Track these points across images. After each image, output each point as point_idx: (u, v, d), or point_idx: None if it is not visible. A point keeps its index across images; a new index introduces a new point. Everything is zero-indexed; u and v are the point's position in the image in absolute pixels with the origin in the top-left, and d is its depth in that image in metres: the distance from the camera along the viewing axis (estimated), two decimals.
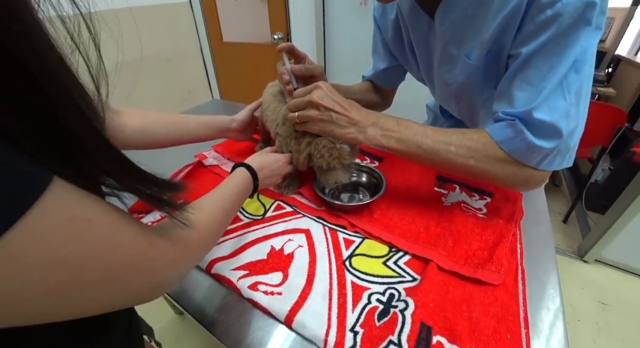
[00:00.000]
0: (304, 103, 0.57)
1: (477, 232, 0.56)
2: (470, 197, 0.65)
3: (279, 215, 0.63)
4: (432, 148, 0.53)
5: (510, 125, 0.49)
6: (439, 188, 0.68)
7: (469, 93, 0.63)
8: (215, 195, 0.47)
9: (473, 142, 0.52)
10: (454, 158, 0.52)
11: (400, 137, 0.54)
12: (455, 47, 0.58)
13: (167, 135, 0.67)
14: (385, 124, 0.55)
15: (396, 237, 0.55)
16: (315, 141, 0.58)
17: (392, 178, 0.70)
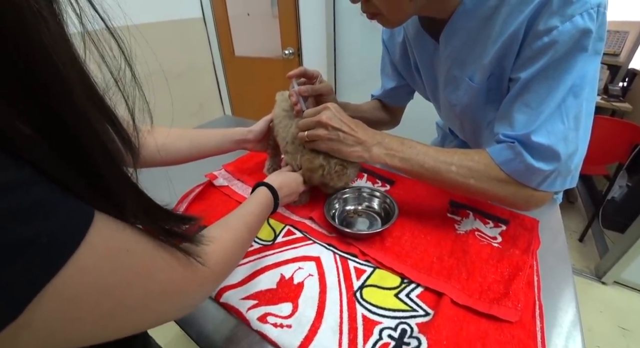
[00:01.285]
0: (313, 123, 0.60)
1: (492, 263, 0.54)
2: (485, 224, 0.64)
3: (289, 241, 0.62)
4: (434, 167, 0.54)
5: (510, 147, 0.50)
6: (452, 214, 0.67)
7: (473, 114, 0.64)
8: (240, 212, 0.48)
9: (474, 162, 0.53)
10: (455, 178, 0.54)
11: (403, 156, 0.56)
12: (459, 69, 0.60)
13: (189, 151, 0.69)
14: (389, 143, 0.57)
15: (408, 268, 0.54)
16: (329, 165, 0.61)
17: (404, 202, 0.69)
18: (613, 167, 1.79)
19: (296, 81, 0.69)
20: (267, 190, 0.56)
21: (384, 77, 0.88)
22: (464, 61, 0.58)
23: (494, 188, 0.52)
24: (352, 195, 0.71)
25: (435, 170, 0.54)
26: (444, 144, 0.97)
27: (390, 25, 0.57)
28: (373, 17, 0.55)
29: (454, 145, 0.90)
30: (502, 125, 0.52)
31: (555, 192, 0.65)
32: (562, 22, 0.43)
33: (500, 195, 0.53)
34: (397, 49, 0.77)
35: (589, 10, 0.42)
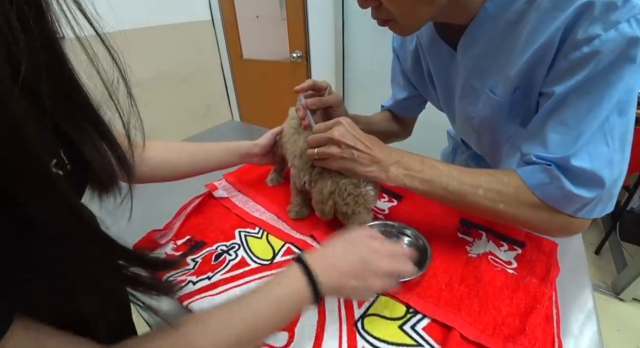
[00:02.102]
0: (325, 139, 0.55)
1: (507, 293, 0.50)
2: (499, 246, 0.59)
3: (289, 261, 0.58)
4: (459, 190, 0.49)
5: (545, 170, 0.45)
6: (463, 234, 0.62)
7: (492, 128, 0.58)
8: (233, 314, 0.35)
9: (503, 185, 0.48)
10: (481, 201, 0.48)
11: (424, 178, 0.51)
12: (478, 80, 0.55)
13: (191, 166, 0.66)
14: (408, 162, 0.52)
15: (414, 297, 0.50)
16: (339, 188, 0.55)
17: (412, 220, 0.65)
18: (633, 177, 1.71)
19: (303, 95, 0.65)
20: (303, 276, 0.38)
21: (394, 86, 0.84)
22: (484, 71, 0.53)
23: (526, 214, 0.47)
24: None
25: (460, 193, 0.49)
26: (456, 155, 0.92)
27: (404, 33, 0.52)
28: (385, 23, 0.50)
29: (466, 156, 0.85)
30: (532, 145, 0.47)
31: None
32: (606, 29, 0.38)
33: (532, 221, 0.48)
34: (408, 57, 0.72)
35: (637, 16, 0.37)
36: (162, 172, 0.61)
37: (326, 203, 0.55)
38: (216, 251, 0.62)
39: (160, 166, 0.60)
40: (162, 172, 0.61)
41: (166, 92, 2.35)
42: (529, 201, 0.47)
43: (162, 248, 0.64)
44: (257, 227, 0.67)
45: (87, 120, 0.34)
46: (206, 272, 0.58)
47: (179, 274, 0.58)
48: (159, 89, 2.31)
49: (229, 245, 0.63)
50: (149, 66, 2.21)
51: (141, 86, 2.20)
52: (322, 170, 0.58)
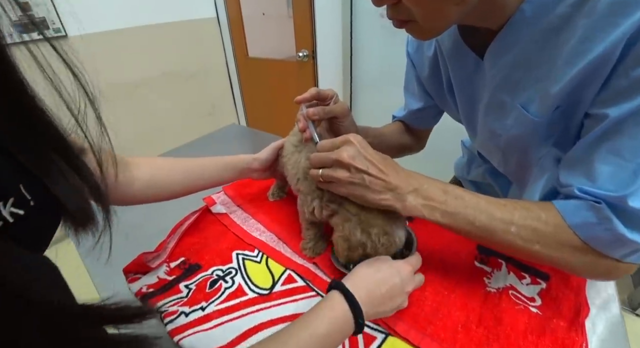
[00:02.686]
0: (331, 161, 0.48)
1: (531, 339, 0.44)
2: (520, 279, 0.54)
3: (289, 292, 0.54)
4: (487, 226, 0.43)
5: (592, 208, 0.39)
6: (481, 263, 0.57)
7: (522, 148, 0.52)
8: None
9: (540, 223, 0.41)
10: (514, 240, 0.42)
11: (446, 210, 0.44)
12: (508, 93, 0.48)
13: (184, 184, 0.61)
14: (428, 190, 0.46)
15: (427, 340, 0.45)
16: (372, 240, 0.48)
17: (424, 246, 0.59)
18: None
19: (306, 105, 0.58)
20: (346, 307, 0.39)
21: (408, 95, 0.77)
22: (517, 84, 0.46)
23: (565, 257, 0.42)
24: None
25: (489, 229, 0.43)
26: (471, 168, 0.86)
27: (424, 36, 0.45)
28: (402, 25, 0.43)
29: (483, 170, 0.79)
30: (575, 175, 0.41)
31: None
32: None
33: (572, 265, 0.43)
34: (425, 64, 0.66)
35: None
36: (153, 192, 0.56)
37: (355, 251, 0.49)
38: (212, 276, 0.58)
39: (150, 186, 0.55)
40: (153, 192, 0.56)
41: (171, 90, 2.32)
42: (570, 242, 0.41)
43: (154, 272, 0.59)
44: (256, 249, 0.63)
45: (52, 149, 0.30)
46: (200, 301, 0.53)
47: (171, 303, 0.53)
48: (164, 88, 2.27)
49: (226, 270, 0.59)
50: (153, 64, 2.18)
51: (145, 85, 2.17)
52: (335, 195, 0.52)
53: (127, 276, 0.59)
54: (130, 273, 0.59)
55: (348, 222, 0.49)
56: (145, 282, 0.58)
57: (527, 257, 0.45)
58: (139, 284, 0.57)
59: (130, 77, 2.10)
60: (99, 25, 1.89)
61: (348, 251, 0.49)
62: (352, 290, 0.40)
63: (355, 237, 0.48)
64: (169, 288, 0.56)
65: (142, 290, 0.56)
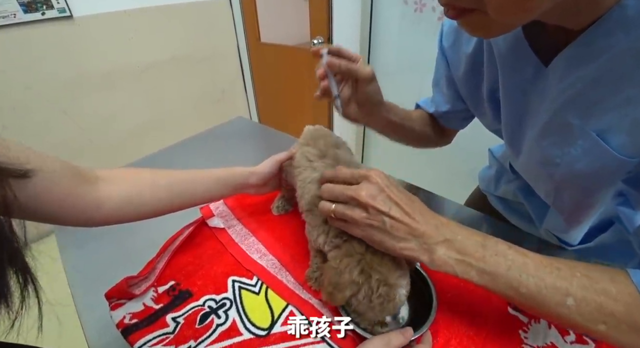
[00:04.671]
0: (346, 197, 0.41)
1: None
2: (563, 335, 0.45)
3: (290, 337, 0.46)
4: (536, 295, 0.34)
5: None
6: (515, 310, 0.48)
7: (586, 187, 0.42)
8: None
9: (608, 298, 0.32)
10: (571, 316, 0.34)
11: (485, 269, 0.36)
12: (579, 115, 0.38)
13: (169, 202, 0.53)
14: (463, 243, 0.38)
15: None
16: (370, 285, 0.40)
17: (447, 287, 0.51)
18: None
19: (327, 52, 0.50)
20: None
21: (436, 93, 0.67)
22: (593, 105, 0.36)
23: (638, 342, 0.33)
24: None
25: (538, 300, 0.35)
26: (500, 182, 0.76)
27: (489, 32, 0.35)
28: (460, 15, 0.32)
29: (515, 187, 0.69)
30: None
31: None
32: None
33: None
34: (462, 62, 0.55)
35: None
36: (131, 211, 0.48)
37: (342, 291, 0.40)
38: (203, 308, 0.51)
39: (127, 204, 0.47)
40: (131, 211, 0.48)
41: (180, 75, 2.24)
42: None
43: (140, 299, 0.53)
44: (255, 277, 0.55)
45: None
46: (188, 339, 0.46)
47: (155, 341, 0.47)
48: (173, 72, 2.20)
49: (219, 301, 0.51)
50: (162, 47, 2.10)
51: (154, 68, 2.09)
52: (343, 233, 0.44)
53: (109, 302, 0.52)
54: (113, 298, 0.53)
55: (348, 258, 0.42)
56: (129, 310, 0.51)
57: (587, 334, 0.36)
58: (123, 311, 0.51)
59: (138, 60, 2.03)
60: (106, 6, 1.80)
61: (334, 287, 0.41)
62: None
63: (351, 275, 0.40)
64: (154, 321, 0.50)
65: (125, 320, 0.49)
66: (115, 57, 1.92)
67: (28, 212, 0.36)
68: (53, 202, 0.38)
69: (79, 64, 1.81)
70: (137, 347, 0.46)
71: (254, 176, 0.60)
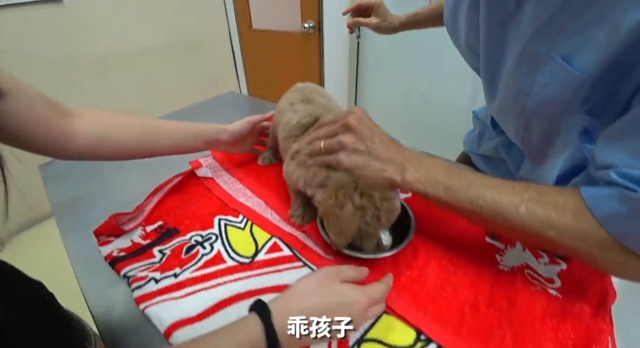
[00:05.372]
0: (337, 126, 0.45)
1: (550, 324, 0.38)
2: (537, 257, 0.47)
3: (273, 261, 0.48)
4: (493, 206, 0.37)
5: (627, 199, 0.31)
6: (493, 239, 0.50)
7: (551, 115, 0.43)
8: None
9: (556, 207, 0.35)
10: (524, 223, 0.36)
11: (450, 185, 0.40)
12: (547, 42, 0.38)
13: (139, 146, 0.54)
14: (431, 166, 0.42)
15: (428, 320, 0.39)
16: (375, 204, 0.41)
17: (427, 218, 0.53)
18: None
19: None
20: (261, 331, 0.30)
21: None
22: (560, 31, 0.36)
23: (589, 249, 0.34)
24: None
25: (495, 209, 0.37)
26: (482, 141, 0.78)
27: None
28: None
29: (495, 143, 0.71)
30: (619, 153, 0.33)
31: None
32: None
33: (596, 259, 0.35)
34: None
35: None
36: (102, 149, 0.50)
37: (351, 224, 0.41)
38: (189, 242, 0.52)
39: (98, 142, 0.49)
40: (102, 149, 0.50)
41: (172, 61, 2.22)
42: (594, 234, 0.33)
43: (128, 235, 0.53)
44: (241, 215, 0.56)
45: None
46: (173, 267, 0.47)
47: (140, 268, 0.48)
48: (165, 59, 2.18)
49: (205, 236, 0.53)
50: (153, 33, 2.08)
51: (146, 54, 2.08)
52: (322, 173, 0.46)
53: (98, 239, 0.53)
54: (101, 236, 0.53)
55: (343, 189, 0.43)
56: (117, 246, 0.52)
57: (545, 245, 0.38)
58: (111, 247, 0.52)
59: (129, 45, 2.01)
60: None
61: (340, 225, 0.41)
62: (278, 317, 0.31)
63: (354, 202, 0.41)
64: (141, 253, 0.50)
65: (113, 253, 0.50)
66: (106, 42, 1.91)
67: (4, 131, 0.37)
68: (28, 123, 0.39)
69: (69, 48, 1.78)
70: (123, 273, 0.47)
71: (226, 133, 0.61)
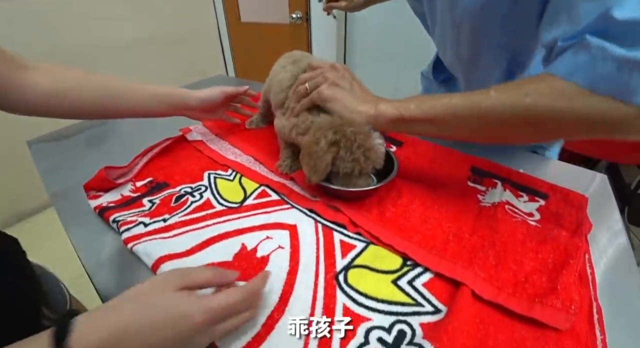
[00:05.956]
0: (323, 68, 0.50)
1: (530, 246, 0.39)
2: (517, 197, 0.49)
3: (262, 205, 0.48)
4: (464, 102, 0.39)
5: (581, 48, 0.32)
6: (474, 183, 0.52)
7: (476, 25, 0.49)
8: None
9: (524, 81, 0.36)
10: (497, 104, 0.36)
11: (420, 102, 0.42)
12: None
13: (99, 104, 0.51)
14: (402, 102, 0.44)
15: (413, 246, 0.40)
16: (346, 137, 0.42)
17: (413, 167, 0.54)
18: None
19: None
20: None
21: None
22: None
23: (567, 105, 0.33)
24: None
25: (468, 103, 0.38)
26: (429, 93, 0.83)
27: None
28: None
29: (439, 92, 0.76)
30: (557, 26, 0.35)
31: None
32: None
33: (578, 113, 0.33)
34: None
35: None
36: (53, 104, 0.47)
37: (323, 158, 0.42)
38: (179, 193, 0.52)
39: (53, 96, 0.47)
40: (53, 104, 0.47)
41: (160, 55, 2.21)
42: (568, 89, 0.33)
43: (118, 189, 0.53)
44: (230, 169, 0.57)
45: None
46: (162, 214, 0.47)
47: (129, 215, 0.48)
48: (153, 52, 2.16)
49: (195, 187, 0.53)
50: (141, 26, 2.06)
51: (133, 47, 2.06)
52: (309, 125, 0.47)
53: (87, 193, 0.53)
54: (91, 190, 0.53)
55: (321, 129, 0.44)
56: (107, 199, 0.51)
57: (523, 125, 0.37)
58: (101, 200, 0.51)
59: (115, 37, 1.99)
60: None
61: (314, 160, 0.42)
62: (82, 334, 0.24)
63: (327, 138, 0.42)
64: (131, 203, 0.50)
65: (103, 205, 0.50)
66: (92, 33, 1.88)
67: None
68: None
69: (53, 40, 1.76)
70: (112, 219, 0.46)
71: (194, 99, 0.59)
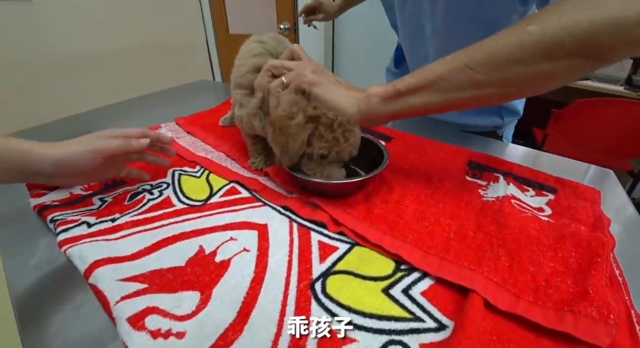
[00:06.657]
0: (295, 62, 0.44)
1: (547, 243, 0.33)
2: (523, 191, 0.43)
3: (229, 202, 0.41)
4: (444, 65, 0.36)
5: None
6: (474, 177, 0.46)
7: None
8: None
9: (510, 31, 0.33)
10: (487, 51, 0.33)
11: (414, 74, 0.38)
12: None
13: None
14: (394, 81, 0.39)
15: (408, 246, 0.33)
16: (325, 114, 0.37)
17: (405, 161, 0.48)
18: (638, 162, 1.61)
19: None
20: None
21: None
22: None
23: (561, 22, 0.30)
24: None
25: (446, 68, 0.35)
26: None
27: None
28: None
29: None
30: None
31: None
32: None
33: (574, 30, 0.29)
34: None
35: None
36: None
37: (297, 135, 0.36)
38: (135, 190, 0.44)
39: None
40: None
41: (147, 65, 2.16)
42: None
43: (67, 188, 0.45)
44: (198, 166, 0.50)
45: None
46: (112, 214, 0.40)
47: (72, 214, 0.40)
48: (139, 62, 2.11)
49: (155, 184, 0.46)
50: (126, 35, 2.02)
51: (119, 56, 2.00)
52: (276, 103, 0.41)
53: (31, 192, 0.45)
54: (35, 188, 0.45)
55: (298, 104, 0.38)
56: (52, 197, 0.43)
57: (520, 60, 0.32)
58: (44, 198, 0.43)
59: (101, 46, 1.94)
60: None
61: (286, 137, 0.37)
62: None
63: (305, 113, 0.37)
64: (79, 202, 0.43)
65: (45, 203, 0.42)
66: (76, 42, 1.83)
67: None
68: None
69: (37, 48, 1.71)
70: (50, 219, 0.39)
71: (48, 163, 0.37)
